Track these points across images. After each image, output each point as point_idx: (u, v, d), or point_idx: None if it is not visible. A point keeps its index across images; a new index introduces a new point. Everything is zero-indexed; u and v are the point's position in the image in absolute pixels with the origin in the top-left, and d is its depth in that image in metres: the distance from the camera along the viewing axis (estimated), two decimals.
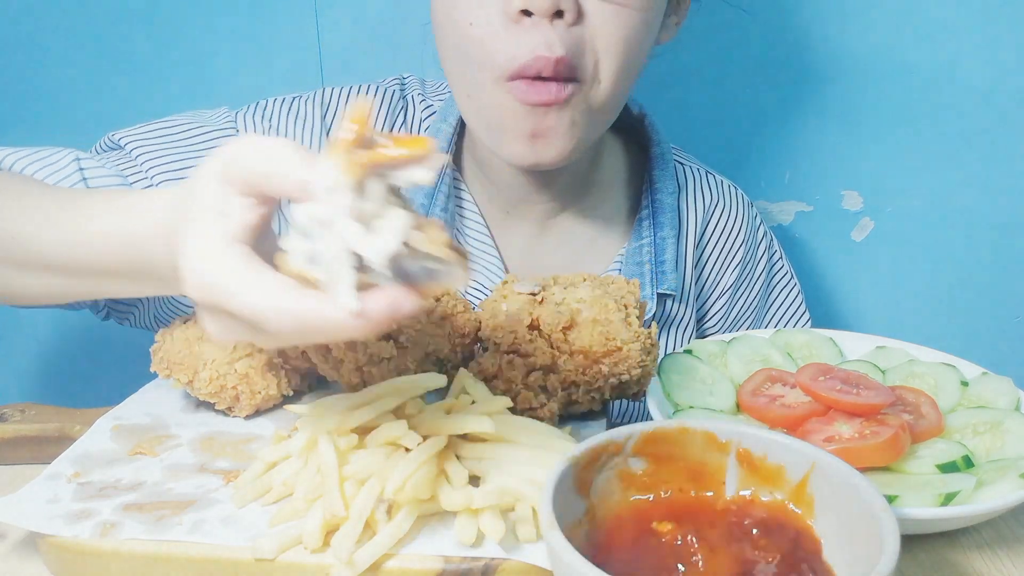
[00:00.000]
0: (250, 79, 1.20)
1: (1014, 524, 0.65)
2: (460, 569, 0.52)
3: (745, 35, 1.17)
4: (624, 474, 0.53)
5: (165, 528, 0.55)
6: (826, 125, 1.20)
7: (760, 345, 0.81)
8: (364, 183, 0.44)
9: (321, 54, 1.19)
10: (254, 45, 1.19)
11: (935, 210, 1.23)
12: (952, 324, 1.28)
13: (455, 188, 0.93)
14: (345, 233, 0.43)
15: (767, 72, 1.18)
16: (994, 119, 1.18)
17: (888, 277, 1.27)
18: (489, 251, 0.93)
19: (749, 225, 1.02)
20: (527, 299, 0.70)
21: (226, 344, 0.50)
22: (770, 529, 0.51)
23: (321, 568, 0.52)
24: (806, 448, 0.52)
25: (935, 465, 0.63)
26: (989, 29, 1.13)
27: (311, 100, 0.92)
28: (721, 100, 1.20)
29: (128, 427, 0.67)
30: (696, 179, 1.00)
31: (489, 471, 0.57)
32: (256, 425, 0.69)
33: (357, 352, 0.67)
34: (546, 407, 0.64)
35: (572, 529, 0.49)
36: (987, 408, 0.70)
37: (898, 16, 1.14)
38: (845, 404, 0.66)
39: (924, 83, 1.16)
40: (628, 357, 0.65)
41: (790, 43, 1.16)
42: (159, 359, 0.69)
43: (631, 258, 0.94)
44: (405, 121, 0.95)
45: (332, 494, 0.53)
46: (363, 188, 0.44)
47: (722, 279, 1.01)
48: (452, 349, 0.72)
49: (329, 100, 0.92)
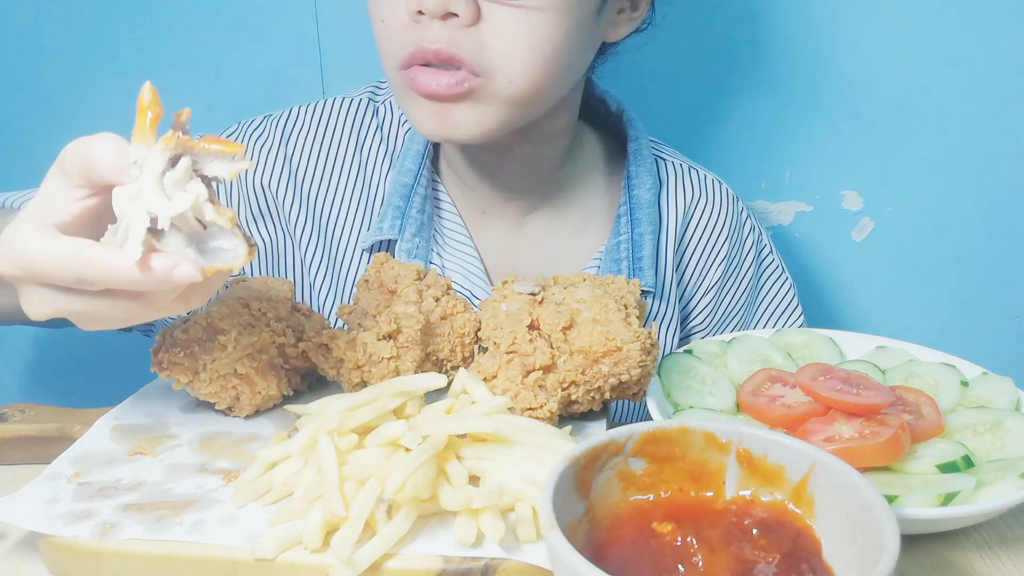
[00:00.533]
0: (250, 79, 1.20)
1: (1014, 524, 0.65)
2: (460, 569, 0.52)
3: (746, 35, 1.17)
4: (624, 474, 0.53)
5: (165, 528, 0.55)
6: (826, 125, 1.20)
7: (760, 345, 0.81)
8: (175, 160, 0.50)
9: (321, 54, 1.19)
10: (254, 45, 1.19)
11: (935, 210, 1.23)
12: (952, 324, 1.28)
13: (433, 190, 0.95)
14: (144, 192, 0.49)
15: (768, 72, 1.18)
16: (994, 119, 1.18)
17: (888, 277, 1.27)
18: (468, 251, 0.94)
19: (734, 220, 1.01)
20: (527, 299, 0.70)
21: (42, 317, 0.53)
22: (770, 529, 0.51)
23: (321, 568, 0.52)
24: (806, 448, 0.52)
25: (935, 465, 0.63)
26: (990, 29, 1.13)
27: (276, 120, 0.97)
28: (722, 100, 1.20)
29: (128, 427, 0.67)
30: (678, 174, 0.99)
31: (489, 471, 0.57)
32: (256, 425, 0.69)
33: (357, 352, 0.67)
34: (545, 407, 0.64)
35: (572, 529, 0.49)
36: (987, 408, 0.70)
37: (899, 16, 1.14)
38: (845, 404, 0.66)
39: (924, 83, 1.16)
40: (628, 357, 0.65)
41: (791, 43, 1.16)
42: (159, 359, 0.69)
43: (610, 255, 0.94)
44: (380, 127, 0.97)
45: (332, 494, 0.53)
46: (173, 163, 0.50)
47: (707, 276, 1.01)
48: (452, 349, 0.72)
49: (287, 121, 0.96)
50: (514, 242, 0.96)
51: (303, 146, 0.95)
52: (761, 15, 1.16)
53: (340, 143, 0.96)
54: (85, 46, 1.19)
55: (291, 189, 0.95)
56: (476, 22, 0.73)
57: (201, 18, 1.18)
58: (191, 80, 1.20)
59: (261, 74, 1.20)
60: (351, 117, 0.97)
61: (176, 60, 1.19)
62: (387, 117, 0.98)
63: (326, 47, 1.19)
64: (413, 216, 0.92)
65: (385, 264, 0.74)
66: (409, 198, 0.92)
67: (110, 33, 1.19)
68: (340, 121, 0.96)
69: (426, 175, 0.93)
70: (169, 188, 0.49)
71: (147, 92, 0.50)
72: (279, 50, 1.19)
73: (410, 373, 0.67)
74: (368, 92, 0.99)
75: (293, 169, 0.95)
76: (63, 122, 1.23)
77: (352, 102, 0.97)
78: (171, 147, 0.50)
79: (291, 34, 1.18)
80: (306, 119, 0.96)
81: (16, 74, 1.21)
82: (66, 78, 1.21)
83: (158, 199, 0.49)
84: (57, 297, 0.52)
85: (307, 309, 0.76)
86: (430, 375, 0.61)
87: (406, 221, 0.92)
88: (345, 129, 0.96)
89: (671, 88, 1.19)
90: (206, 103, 1.21)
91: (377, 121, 0.97)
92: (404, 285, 0.72)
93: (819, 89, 1.18)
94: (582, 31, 0.78)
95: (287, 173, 0.95)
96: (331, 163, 0.96)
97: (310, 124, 0.96)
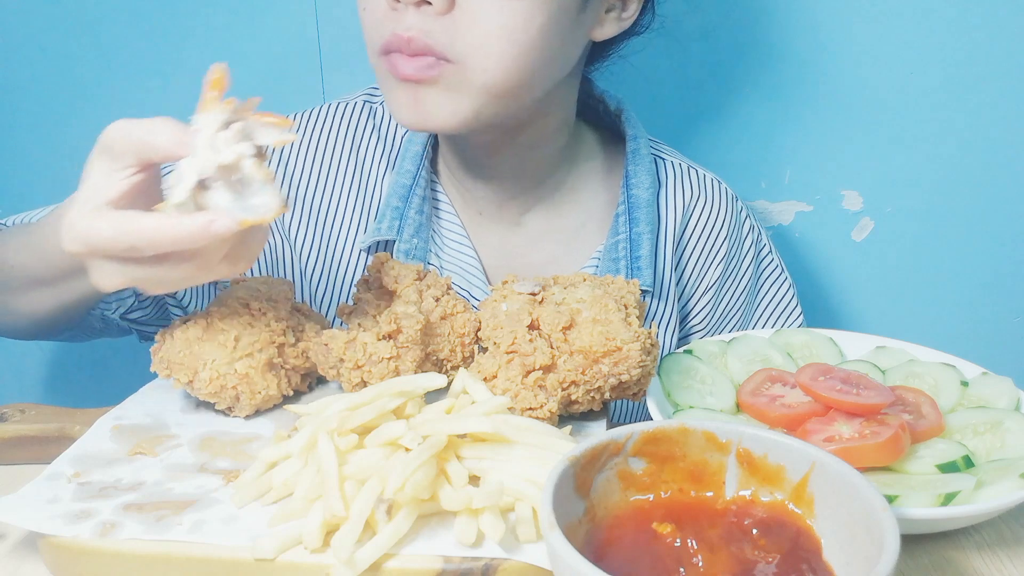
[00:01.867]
0: (250, 79, 1.20)
1: (1014, 524, 0.65)
2: (460, 569, 0.52)
3: (747, 36, 1.17)
4: (624, 474, 0.53)
5: (165, 528, 0.55)
6: (826, 125, 1.20)
7: (760, 345, 0.81)
8: (229, 123, 0.56)
9: (321, 54, 1.19)
10: (254, 45, 1.19)
11: (935, 210, 1.23)
12: (952, 324, 1.28)
13: (431, 190, 0.96)
14: (198, 147, 0.55)
15: (768, 72, 1.18)
16: (994, 119, 1.18)
17: (888, 277, 1.27)
18: (466, 251, 0.95)
19: (733, 220, 1.01)
20: (527, 299, 0.70)
21: (112, 288, 0.59)
22: (770, 529, 0.51)
23: (321, 568, 0.52)
24: (806, 448, 0.52)
25: (935, 465, 0.63)
26: (990, 29, 1.13)
27: None
28: (722, 100, 1.20)
29: (128, 427, 0.67)
30: (677, 174, 0.99)
31: (489, 471, 0.57)
32: (256, 425, 0.69)
33: (357, 352, 0.67)
34: (545, 407, 0.64)
35: (572, 529, 0.49)
36: (987, 408, 0.70)
37: (899, 16, 1.14)
38: (845, 404, 0.66)
39: (925, 83, 1.16)
40: (628, 357, 0.65)
41: (792, 43, 1.16)
42: (159, 359, 0.69)
43: (608, 254, 0.94)
44: (377, 128, 0.97)
45: (332, 494, 0.53)
46: (226, 126, 0.56)
47: (706, 275, 1.01)
48: (452, 349, 0.72)
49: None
50: (512, 242, 0.97)
51: (298, 151, 0.96)
52: (762, 15, 1.16)
53: (335, 146, 0.96)
54: (85, 46, 1.19)
55: (287, 193, 0.95)
56: (450, 10, 0.74)
57: (201, 18, 1.18)
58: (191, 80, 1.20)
59: (261, 74, 1.20)
60: (345, 120, 0.97)
61: (176, 60, 1.19)
62: (385, 118, 0.98)
63: (326, 47, 1.19)
64: (411, 217, 0.92)
65: (385, 264, 0.74)
66: (407, 199, 0.93)
67: (110, 33, 1.19)
68: (335, 125, 0.97)
69: (424, 176, 0.94)
70: (220, 144, 0.55)
71: (215, 70, 0.56)
72: (279, 50, 1.19)
73: (410, 373, 0.67)
74: (365, 95, 0.99)
75: (289, 174, 0.96)
76: (63, 122, 1.23)
77: (348, 106, 0.98)
78: (228, 110, 0.56)
79: (291, 34, 1.18)
80: (301, 123, 0.97)
81: (16, 74, 1.21)
82: (66, 78, 1.21)
83: (208, 153, 0.55)
84: (119, 268, 0.57)
85: (307, 309, 0.76)
86: (430, 375, 0.61)
87: (404, 222, 0.92)
88: (340, 132, 0.97)
89: (672, 88, 1.19)
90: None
91: (374, 123, 0.98)
92: (404, 285, 0.72)
93: (819, 89, 1.18)
94: (561, 24, 0.78)
95: (283, 178, 0.96)
96: (327, 166, 0.96)
97: (304, 128, 0.97)
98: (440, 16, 0.74)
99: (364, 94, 1.00)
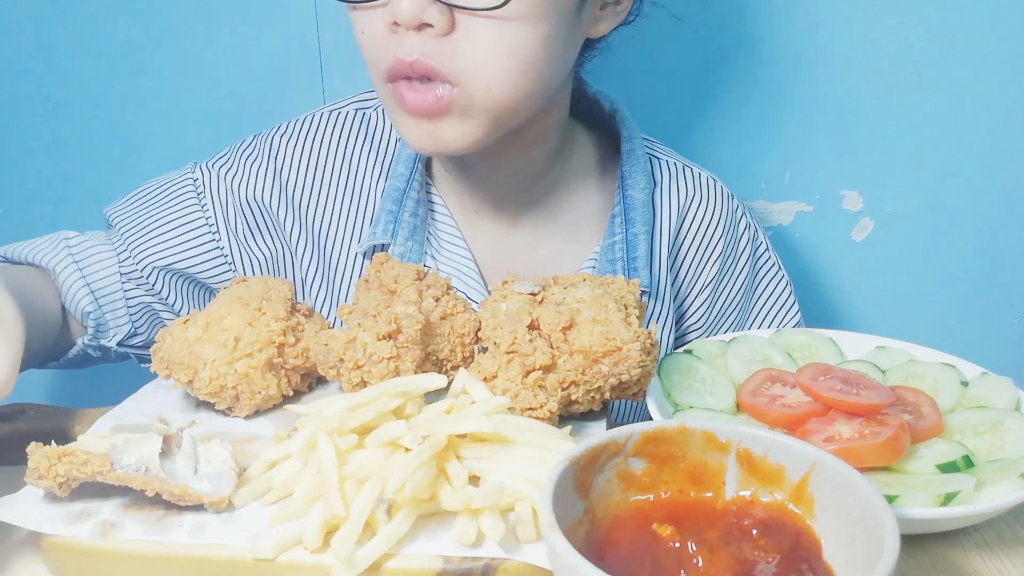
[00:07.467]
0: (250, 80, 1.20)
1: (1014, 524, 0.65)
2: (460, 569, 0.52)
3: (746, 34, 1.17)
4: (624, 474, 0.53)
5: (165, 528, 0.55)
6: (826, 125, 1.20)
7: (760, 345, 0.81)
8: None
9: (321, 54, 1.19)
10: (254, 45, 1.19)
11: (935, 210, 1.23)
12: (952, 324, 1.28)
13: (426, 192, 0.96)
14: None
15: (768, 72, 1.18)
16: (994, 119, 1.18)
17: (888, 277, 1.27)
18: (461, 252, 0.95)
19: (729, 218, 1.01)
20: (527, 299, 0.70)
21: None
22: (770, 529, 0.51)
23: (321, 568, 0.52)
24: (806, 448, 0.52)
25: (935, 465, 0.63)
26: (990, 29, 1.13)
27: (264, 137, 0.98)
28: (722, 100, 1.20)
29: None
30: (672, 173, 0.99)
31: (489, 471, 0.57)
32: (256, 425, 0.69)
33: (357, 352, 0.67)
34: (545, 407, 0.64)
35: (572, 529, 0.49)
36: (987, 408, 0.70)
37: (899, 16, 1.14)
38: (845, 404, 0.66)
39: (925, 83, 1.16)
40: (628, 357, 0.65)
41: (791, 43, 1.16)
42: (159, 359, 0.69)
43: (604, 255, 0.94)
44: (369, 135, 0.97)
45: (332, 494, 0.53)
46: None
47: (701, 274, 1.01)
48: (452, 349, 0.72)
49: (275, 135, 0.98)
50: (508, 243, 0.96)
51: (291, 158, 0.96)
52: (762, 14, 1.16)
53: (327, 154, 0.97)
54: (85, 48, 1.19)
55: (283, 201, 0.96)
56: (450, 31, 0.74)
57: (201, 18, 1.18)
58: (191, 80, 1.20)
59: (261, 74, 1.20)
60: (336, 129, 0.97)
61: (176, 60, 1.19)
62: (377, 124, 0.98)
63: (326, 47, 1.19)
64: (406, 220, 0.92)
65: (385, 264, 0.74)
66: (401, 202, 0.93)
67: (111, 35, 1.19)
68: (326, 133, 0.97)
69: (419, 179, 0.94)
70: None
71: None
72: (279, 50, 1.19)
73: (410, 373, 0.67)
74: (355, 102, 0.99)
75: (283, 182, 0.96)
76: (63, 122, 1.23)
77: (339, 114, 0.98)
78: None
79: (291, 34, 1.18)
80: (293, 132, 0.97)
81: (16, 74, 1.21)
82: (65, 78, 1.21)
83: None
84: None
85: (307, 309, 0.76)
86: (430, 375, 0.61)
87: (398, 225, 0.92)
88: (331, 140, 0.97)
89: (671, 88, 1.19)
90: (206, 103, 1.22)
91: (366, 131, 0.98)
92: (404, 285, 0.72)
93: (819, 89, 1.18)
94: (561, 32, 0.78)
95: (278, 186, 0.96)
96: (319, 174, 0.96)
97: (297, 136, 0.97)
98: (441, 37, 0.74)
99: (355, 101, 1.00)
